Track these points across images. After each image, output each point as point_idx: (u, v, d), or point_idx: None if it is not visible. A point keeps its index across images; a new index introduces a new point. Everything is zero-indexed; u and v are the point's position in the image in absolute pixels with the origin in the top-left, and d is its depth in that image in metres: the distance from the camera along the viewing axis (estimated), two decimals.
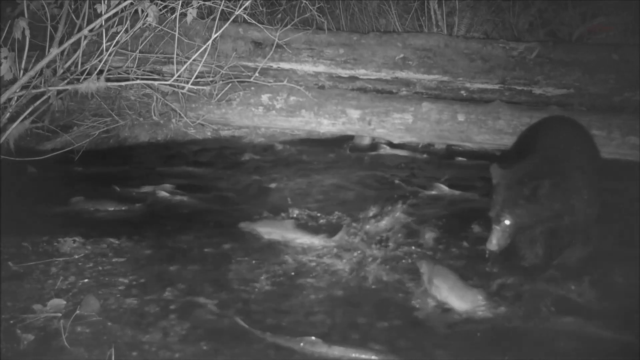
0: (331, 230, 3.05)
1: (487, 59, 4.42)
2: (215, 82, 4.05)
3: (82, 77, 3.50)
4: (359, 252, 2.87)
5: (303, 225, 3.12)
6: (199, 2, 3.59)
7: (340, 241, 2.96)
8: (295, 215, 3.23)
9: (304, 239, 2.98)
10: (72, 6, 3.53)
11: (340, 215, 3.22)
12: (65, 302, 2.36)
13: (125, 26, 3.51)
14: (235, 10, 3.79)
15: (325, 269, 2.74)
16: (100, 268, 2.64)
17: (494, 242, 2.47)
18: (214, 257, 2.79)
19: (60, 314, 2.28)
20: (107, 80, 3.52)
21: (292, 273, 2.69)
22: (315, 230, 3.06)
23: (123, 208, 3.31)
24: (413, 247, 2.93)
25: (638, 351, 2.20)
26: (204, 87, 4.00)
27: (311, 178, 3.81)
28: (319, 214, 3.24)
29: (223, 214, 3.26)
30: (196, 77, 3.83)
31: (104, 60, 3.56)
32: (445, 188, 3.63)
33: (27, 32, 3.05)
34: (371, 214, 3.19)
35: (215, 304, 2.39)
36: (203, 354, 2.10)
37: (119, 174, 3.72)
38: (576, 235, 2.69)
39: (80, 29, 3.39)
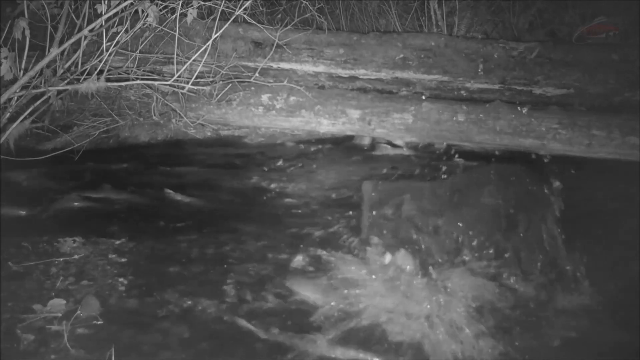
0: None
1: (487, 59, 4.42)
2: (215, 82, 4.04)
3: (82, 77, 3.50)
4: None
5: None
6: (199, 3, 3.59)
7: None
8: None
9: None
10: (72, 6, 3.52)
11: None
12: (65, 302, 2.36)
13: (126, 26, 3.51)
14: (235, 10, 3.79)
15: None
16: (100, 268, 2.64)
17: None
18: (215, 257, 2.79)
19: (60, 314, 2.28)
20: (107, 80, 3.51)
21: None
22: None
23: (123, 208, 3.31)
24: None
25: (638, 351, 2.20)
26: (204, 87, 3.99)
27: (311, 178, 3.81)
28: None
29: (223, 215, 3.26)
30: (196, 77, 3.83)
31: (104, 61, 3.55)
32: None
33: (27, 32, 3.04)
34: None
35: (216, 305, 2.39)
36: (204, 355, 2.10)
37: (119, 174, 3.72)
38: None
39: (80, 29, 3.38)
